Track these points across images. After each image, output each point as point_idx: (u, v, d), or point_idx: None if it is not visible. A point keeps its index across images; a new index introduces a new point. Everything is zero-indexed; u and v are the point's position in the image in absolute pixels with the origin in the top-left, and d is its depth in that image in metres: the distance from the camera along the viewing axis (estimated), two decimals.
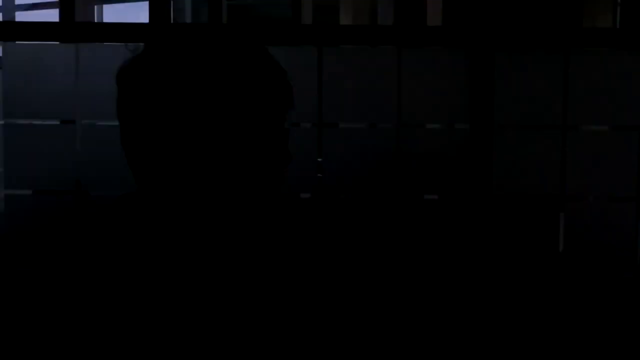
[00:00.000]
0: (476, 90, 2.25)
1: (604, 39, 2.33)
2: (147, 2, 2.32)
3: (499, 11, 2.26)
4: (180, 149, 0.94)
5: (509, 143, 2.29)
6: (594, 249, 2.31)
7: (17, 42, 2.30)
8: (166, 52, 0.96)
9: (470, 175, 2.27)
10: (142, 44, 0.99)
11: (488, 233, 2.27)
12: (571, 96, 2.30)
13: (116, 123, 1.05)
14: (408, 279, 2.28)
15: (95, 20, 6.59)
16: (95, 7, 6.87)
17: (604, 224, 2.31)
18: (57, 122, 2.31)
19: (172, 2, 2.46)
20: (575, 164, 2.31)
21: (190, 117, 0.93)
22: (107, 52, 2.28)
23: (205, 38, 0.96)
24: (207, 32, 0.98)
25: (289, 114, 1.01)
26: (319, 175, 2.30)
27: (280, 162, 1.00)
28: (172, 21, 2.37)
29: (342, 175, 2.30)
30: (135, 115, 0.97)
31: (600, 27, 6.18)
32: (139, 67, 0.97)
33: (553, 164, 2.31)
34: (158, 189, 0.97)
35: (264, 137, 0.97)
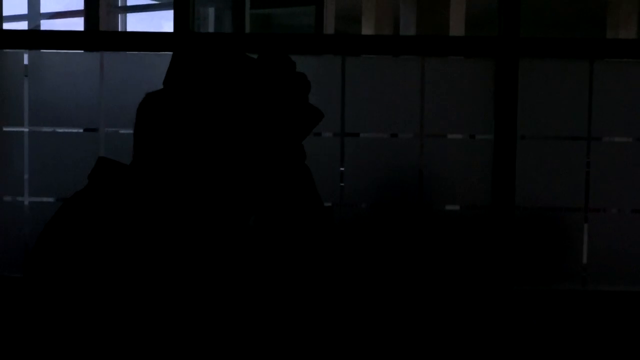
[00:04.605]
0: (500, 101, 2.25)
1: (628, 50, 2.32)
2: (171, 11, 2.34)
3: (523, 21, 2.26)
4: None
5: (532, 154, 2.28)
6: (617, 260, 2.29)
7: (42, 50, 2.33)
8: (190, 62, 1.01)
9: (492, 186, 2.26)
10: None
11: (510, 244, 2.26)
12: (595, 107, 2.29)
13: None
14: (427, 289, 2.27)
15: (119, 29, 6.65)
16: (119, 15, 6.94)
17: (628, 236, 2.29)
18: (81, 130, 2.33)
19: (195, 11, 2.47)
20: (599, 175, 2.29)
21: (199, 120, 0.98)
22: (131, 61, 2.30)
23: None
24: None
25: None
26: (340, 184, 2.30)
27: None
28: (195, 30, 2.39)
29: (363, 184, 2.30)
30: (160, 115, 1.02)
31: (624, 39, 6.17)
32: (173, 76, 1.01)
33: (576, 175, 2.30)
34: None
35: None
